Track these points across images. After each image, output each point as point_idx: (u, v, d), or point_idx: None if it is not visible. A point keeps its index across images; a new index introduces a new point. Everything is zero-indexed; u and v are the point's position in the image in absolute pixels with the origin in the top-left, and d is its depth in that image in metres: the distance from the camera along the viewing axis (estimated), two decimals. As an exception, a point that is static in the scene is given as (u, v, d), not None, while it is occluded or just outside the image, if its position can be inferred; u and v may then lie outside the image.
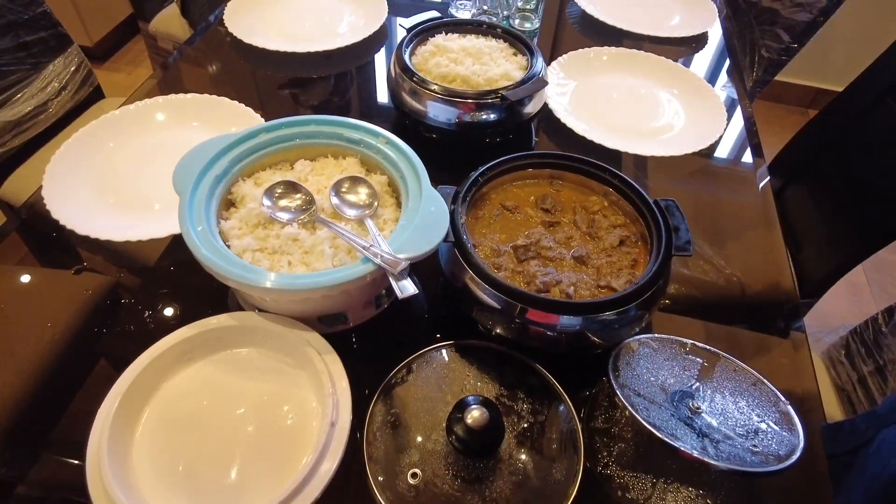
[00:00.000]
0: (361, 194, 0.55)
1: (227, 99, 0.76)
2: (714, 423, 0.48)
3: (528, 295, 0.49)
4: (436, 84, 0.71)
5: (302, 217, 0.54)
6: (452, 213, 0.54)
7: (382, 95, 0.87)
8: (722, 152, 0.84)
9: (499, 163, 0.60)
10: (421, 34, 0.78)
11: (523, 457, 0.47)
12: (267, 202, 0.54)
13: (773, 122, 2.33)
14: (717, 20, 1.02)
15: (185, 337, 0.50)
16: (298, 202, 0.54)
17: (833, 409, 0.85)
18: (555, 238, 0.57)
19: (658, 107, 0.85)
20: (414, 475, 0.46)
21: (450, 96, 0.70)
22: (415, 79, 0.71)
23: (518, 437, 0.48)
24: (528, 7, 0.98)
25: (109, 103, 1.24)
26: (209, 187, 0.54)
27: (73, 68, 1.16)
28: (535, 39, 0.98)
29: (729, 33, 1.04)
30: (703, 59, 0.99)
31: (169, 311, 0.58)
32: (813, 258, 1.01)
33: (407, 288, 0.45)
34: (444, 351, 0.53)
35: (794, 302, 0.65)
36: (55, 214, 0.62)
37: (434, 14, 0.82)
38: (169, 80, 0.89)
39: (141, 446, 0.46)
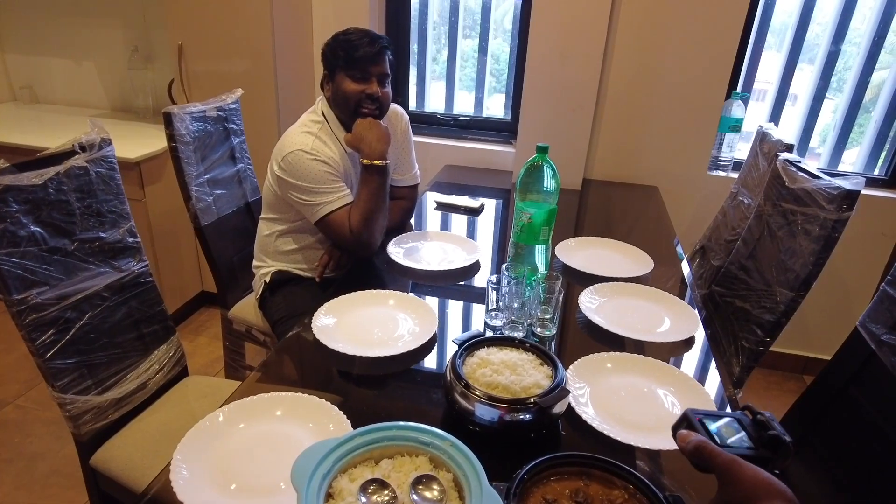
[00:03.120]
0: (434, 491, 0.71)
1: (325, 401, 0.96)
2: None
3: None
4: (480, 390, 0.91)
5: (388, 509, 0.68)
6: (507, 509, 0.68)
7: (434, 392, 1.07)
8: None
9: (539, 463, 0.76)
10: (469, 349, 1.02)
11: None
12: (363, 498, 0.69)
13: (773, 388, 2.51)
14: (700, 325, 1.28)
15: None
16: (386, 499, 0.70)
17: None
18: (589, 530, 0.70)
19: (658, 402, 1.04)
20: None
21: (493, 401, 0.90)
22: (465, 384, 0.92)
23: None
24: (545, 317, 1.25)
25: (193, 382, 1.46)
26: (318, 483, 0.70)
27: (171, 354, 1.41)
28: (553, 343, 1.23)
29: (710, 338, 1.29)
30: (692, 358, 1.22)
31: None
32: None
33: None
34: None
35: None
36: (181, 496, 0.77)
37: (478, 331, 1.07)
38: (264, 377, 1.11)
39: None
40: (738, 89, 2.33)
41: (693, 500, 0.72)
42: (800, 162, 1.50)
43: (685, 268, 1.60)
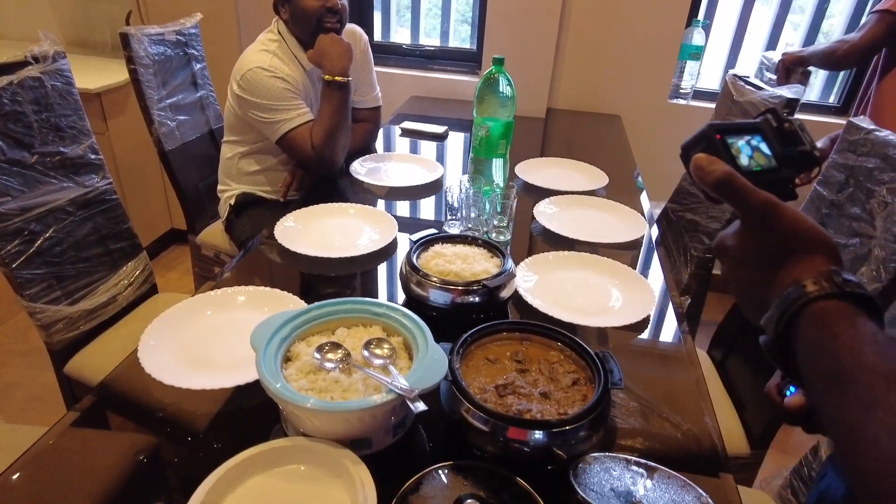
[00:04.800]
0: (385, 349, 0.77)
1: (286, 292, 1.01)
2: (651, 513, 0.64)
3: (508, 417, 0.69)
4: (434, 276, 0.97)
5: (341, 366, 0.75)
6: (450, 361, 0.75)
7: (392, 286, 1.13)
8: (665, 334, 1.07)
9: (483, 327, 0.83)
10: (424, 244, 1.07)
11: (508, 544, 0.62)
12: (317, 355, 0.75)
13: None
14: (647, 230, 1.35)
15: (252, 454, 0.67)
16: (340, 355, 0.76)
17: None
18: (526, 380, 0.77)
19: (603, 292, 1.11)
20: (424, 558, 0.60)
21: (446, 285, 0.96)
22: (420, 273, 0.98)
23: (504, 530, 0.63)
24: (501, 225, 1.31)
25: (163, 297, 1.50)
26: (276, 346, 0.76)
27: (139, 270, 1.45)
28: (508, 248, 1.29)
29: (660, 237, 1.36)
30: (641, 260, 1.29)
31: (234, 441, 0.75)
32: (756, 413, 1.19)
33: (419, 406, 0.65)
34: (445, 470, 0.70)
35: (721, 452, 0.81)
36: (147, 369, 0.82)
37: (433, 230, 1.13)
38: (230, 280, 1.16)
39: (216, 536, 0.61)
40: (699, 17, 2.35)
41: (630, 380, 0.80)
42: (747, 77, 1.55)
43: (644, 200, 1.67)
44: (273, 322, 0.78)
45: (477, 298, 0.97)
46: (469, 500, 0.61)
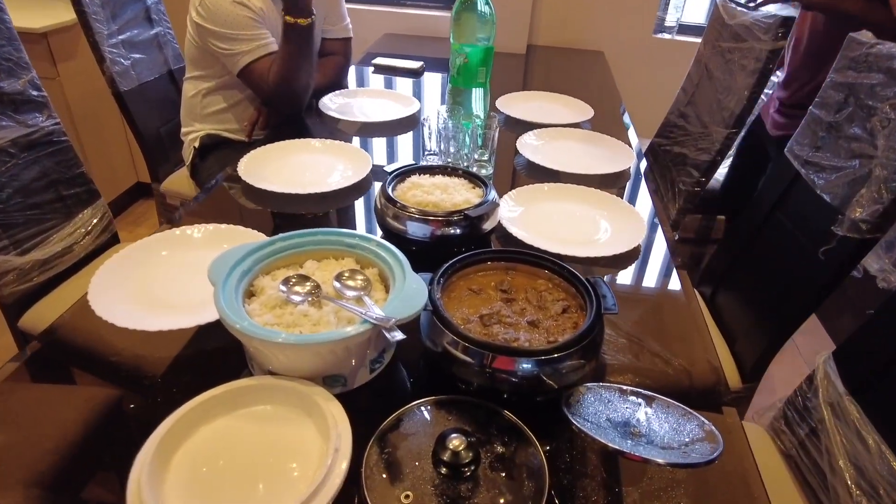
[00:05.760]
0: (358, 280, 0.70)
1: (250, 229, 0.94)
2: (652, 441, 0.59)
3: (494, 345, 0.63)
4: (413, 208, 0.90)
5: (311, 298, 0.68)
6: (430, 291, 0.69)
7: (370, 223, 1.06)
8: (652, 269, 1.02)
9: (465, 256, 0.76)
10: (401, 175, 0.99)
11: (497, 479, 0.57)
12: (283, 288, 0.68)
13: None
14: (634, 161, 1.28)
15: (213, 395, 0.61)
16: (308, 288, 0.69)
17: (783, 475, 0.94)
18: (512, 309, 0.72)
19: (591, 222, 1.05)
20: (406, 496, 0.55)
21: (425, 216, 0.89)
22: (397, 206, 0.91)
23: (492, 464, 0.58)
24: (482, 159, 1.23)
25: (124, 247, 1.41)
26: (237, 280, 0.68)
27: (97, 218, 1.35)
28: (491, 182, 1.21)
29: (647, 172, 1.30)
30: (628, 190, 1.23)
31: (195, 384, 0.69)
32: (747, 347, 1.16)
33: (396, 335, 0.59)
34: (427, 406, 0.65)
35: (722, 385, 0.77)
36: (98, 312, 0.75)
37: (412, 162, 1.05)
38: (189, 218, 1.07)
39: (173, 484, 0.55)
40: (687, -56, 2.24)
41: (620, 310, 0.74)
42: (739, -1, 1.47)
43: (632, 134, 1.59)
44: (233, 254, 0.71)
45: (458, 230, 0.90)
46: (454, 434, 0.56)
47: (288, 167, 1.20)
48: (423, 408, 0.64)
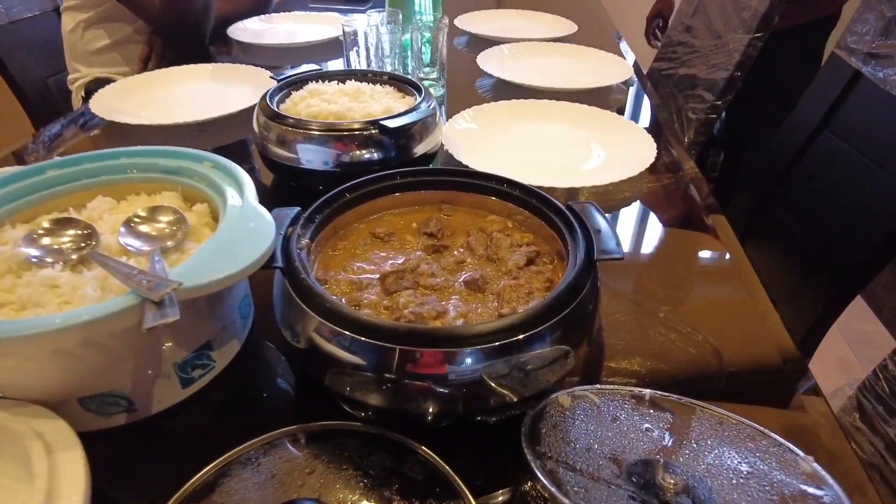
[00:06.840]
0: (161, 224, 0.40)
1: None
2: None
3: (397, 328, 0.32)
4: (306, 122, 0.59)
5: (74, 256, 0.37)
6: (285, 235, 0.38)
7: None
8: (673, 212, 0.71)
9: (365, 180, 0.46)
10: (296, 84, 0.68)
11: None
12: (26, 249, 0.38)
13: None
14: (632, 73, 0.97)
15: None
16: (69, 239, 0.38)
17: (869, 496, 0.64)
18: (440, 264, 0.41)
19: (578, 146, 0.74)
20: None
21: (323, 131, 0.58)
22: (284, 121, 0.60)
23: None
24: (430, 77, 0.92)
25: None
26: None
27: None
28: (442, 108, 0.90)
29: (649, 87, 0.99)
30: (626, 109, 0.92)
31: None
32: (791, 314, 0.86)
33: (169, 315, 0.28)
34: (278, 446, 0.35)
35: (794, 359, 0.48)
36: None
37: (315, 67, 0.73)
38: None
39: None
40: None
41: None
42: None
43: (626, 49, 1.27)
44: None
45: (376, 154, 0.59)
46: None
47: (164, 99, 0.88)
48: (268, 449, 0.34)
